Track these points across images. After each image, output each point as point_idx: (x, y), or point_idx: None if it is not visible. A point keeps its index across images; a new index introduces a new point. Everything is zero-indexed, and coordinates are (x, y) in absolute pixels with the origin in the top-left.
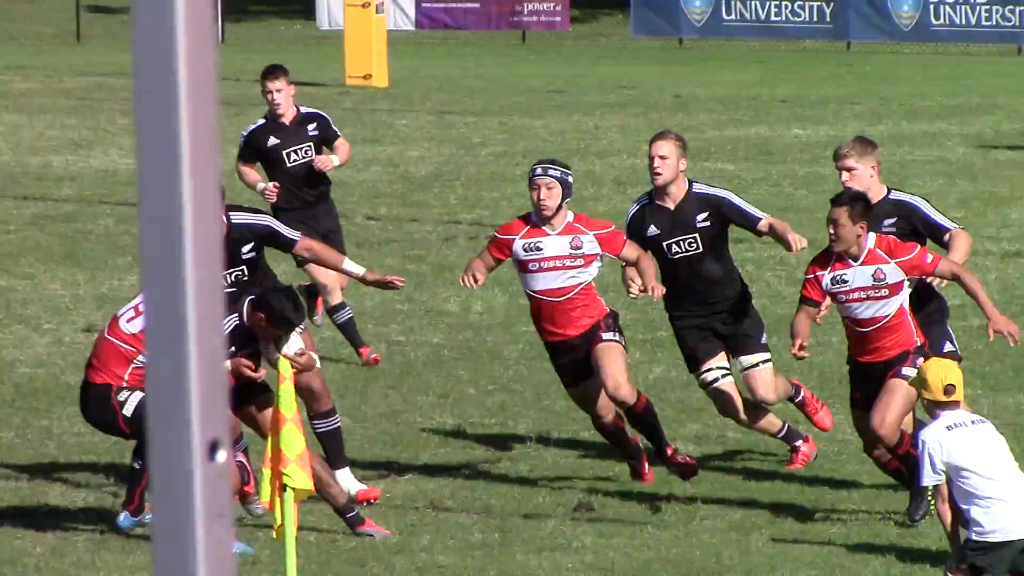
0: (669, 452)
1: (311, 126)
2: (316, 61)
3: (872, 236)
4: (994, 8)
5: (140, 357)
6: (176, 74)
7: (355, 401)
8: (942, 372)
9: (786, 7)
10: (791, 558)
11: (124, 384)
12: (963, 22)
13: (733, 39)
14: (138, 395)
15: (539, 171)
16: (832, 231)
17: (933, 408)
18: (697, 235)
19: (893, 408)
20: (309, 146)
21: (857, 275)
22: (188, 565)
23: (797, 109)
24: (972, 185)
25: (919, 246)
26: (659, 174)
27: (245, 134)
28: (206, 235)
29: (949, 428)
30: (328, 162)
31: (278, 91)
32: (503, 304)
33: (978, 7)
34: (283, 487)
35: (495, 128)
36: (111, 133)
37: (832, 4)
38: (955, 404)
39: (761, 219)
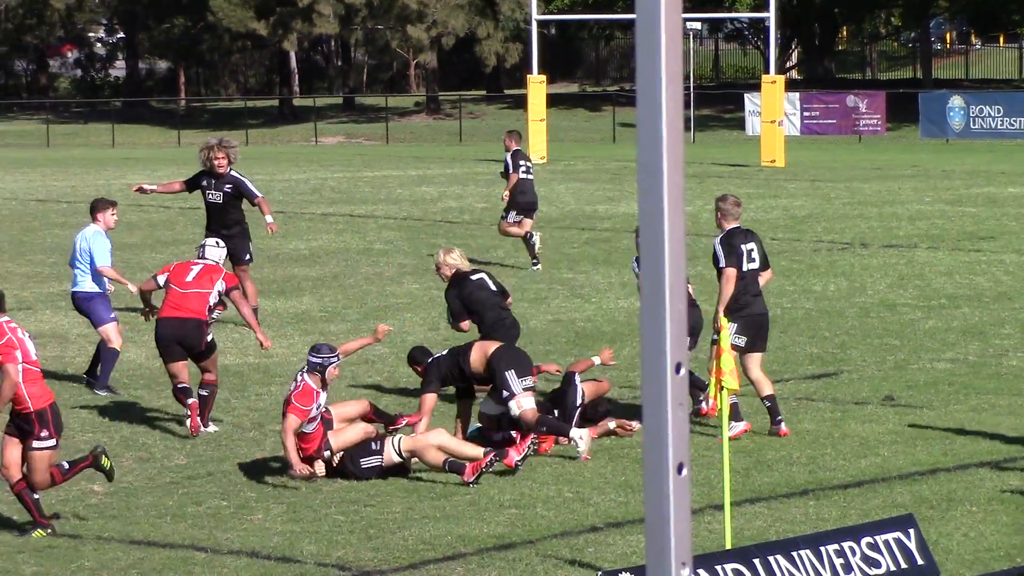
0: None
1: None
2: (743, 152)
3: None
4: None
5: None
6: (661, 156)
7: None
8: None
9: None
10: None
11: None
12: None
13: (978, 140)
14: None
15: None
16: None
17: None
18: None
19: None
20: None
21: None
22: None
23: (1015, 177)
24: None
25: None
26: None
27: None
28: (676, 250)
29: None
30: None
31: None
32: None
33: None
34: (721, 388)
35: (841, 189)
36: (630, 193)
37: None
38: None
39: None
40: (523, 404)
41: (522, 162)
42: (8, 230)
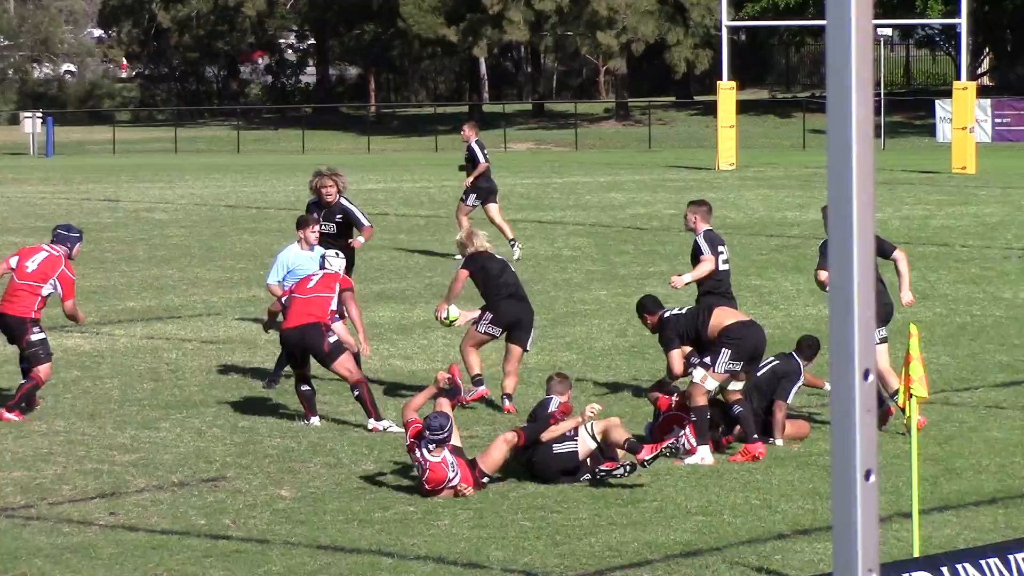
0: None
1: None
2: (934, 159)
3: None
4: None
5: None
6: (851, 162)
7: None
8: None
9: None
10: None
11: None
12: None
13: None
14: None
15: None
16: None
17: None
18: None
19: None
20: None
21: None
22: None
23: None
24: None
25: None
26: None
27: None
28: (864, 257)
29: None
30: None
31: None
32: None
33: None
34: (911, 395)
35: None
36: (820, 200)
37: None
38: None
39: None
40: (706, 381)
41: (485, 151)
42: (198, 235)
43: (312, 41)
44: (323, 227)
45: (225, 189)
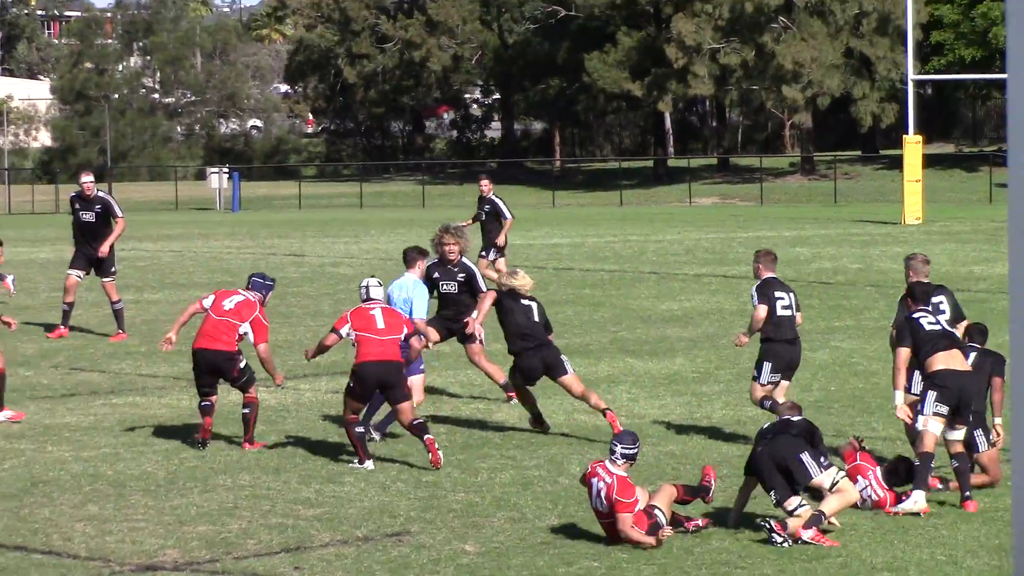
0: None
1: None
2: None
3: None
4: None
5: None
6: None
7: None
8: None
9: None
10: None
11: None
12: None
13: None
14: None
15: None
16: None
17: None
18: None
19: None
20: None
21: None
22: None
23: None
24: None
25: None
26: None
27: None
28: None
29: None
30: None
31: None
32: None
33: None
34: None
35: None
36: (1006, 254)
37: None
38: None
39: None
40: (928, 425)
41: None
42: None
43: (497, 96)
44: (445, 287)
45: (410, 244)
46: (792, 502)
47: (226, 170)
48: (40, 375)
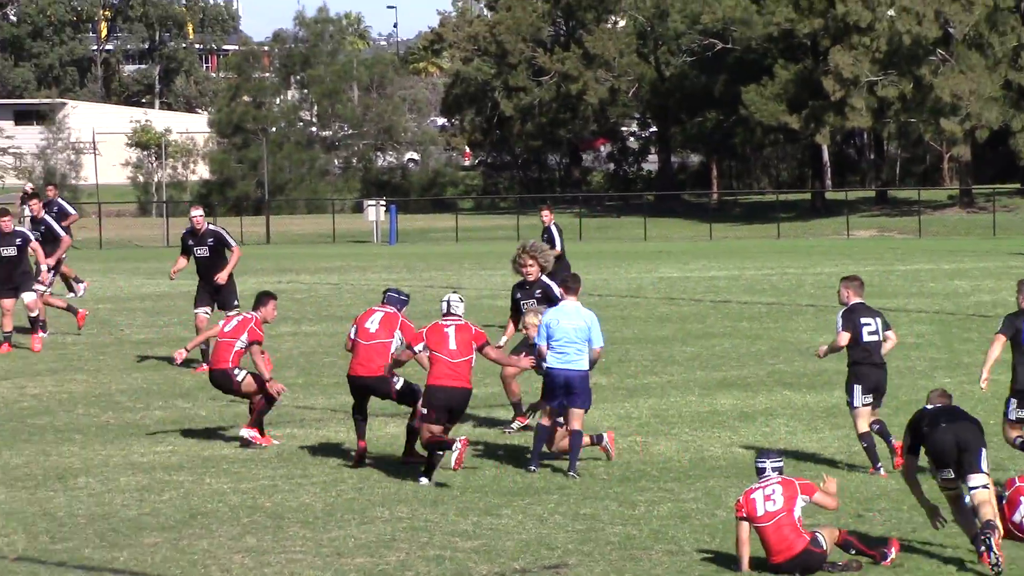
0: None
1: None
2: None
3: None
4: None
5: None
6: None
7: None
8: None
9: None
10: None
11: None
12: None
13: None
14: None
15: None
16: None
17: None
18: None
19: None
20: None
21: None
22: None
23: None
24: None
25: None
26: None
27: None
28: None
29: None
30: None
31: None
32: None
33: None
34: None
35: None
36: None
37: None
38: None
39: None
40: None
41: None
42: None
43: (654, 128)
44: (524, 306)
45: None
46: (978, 479)
47: (383, 203)
48: (199, 407)
